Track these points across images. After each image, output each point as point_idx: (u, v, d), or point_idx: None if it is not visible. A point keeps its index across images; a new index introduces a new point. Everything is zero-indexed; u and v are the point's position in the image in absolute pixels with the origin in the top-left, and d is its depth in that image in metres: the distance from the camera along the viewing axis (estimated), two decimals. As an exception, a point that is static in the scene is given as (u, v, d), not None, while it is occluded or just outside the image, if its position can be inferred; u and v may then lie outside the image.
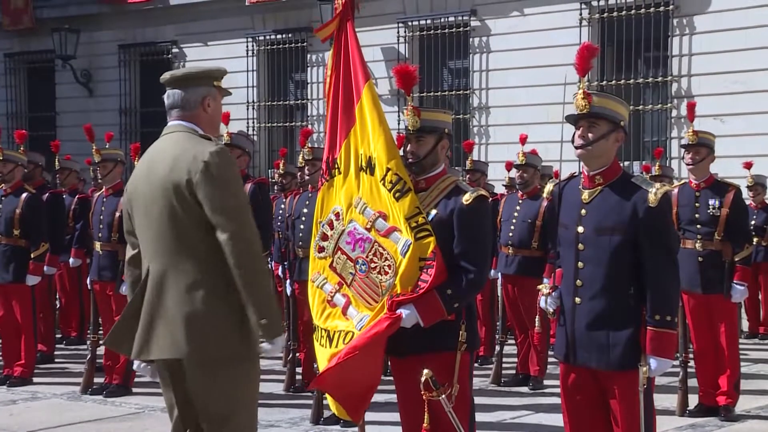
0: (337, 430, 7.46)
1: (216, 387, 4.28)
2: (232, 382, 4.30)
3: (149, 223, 4.35)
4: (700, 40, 13.87)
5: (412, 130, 5.00)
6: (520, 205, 9.42)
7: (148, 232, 4.37)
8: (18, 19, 20.66)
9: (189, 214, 4.24)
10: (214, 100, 4.54)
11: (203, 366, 4.26)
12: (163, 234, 4.29)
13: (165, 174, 4.27)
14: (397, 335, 4.81)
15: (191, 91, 4.49)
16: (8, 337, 9.43)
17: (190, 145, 4.31)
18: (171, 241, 4.27)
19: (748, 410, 8.17)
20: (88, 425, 7.79)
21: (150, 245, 4.36)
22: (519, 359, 9.51)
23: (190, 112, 4.48)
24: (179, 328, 4.21)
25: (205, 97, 4.50)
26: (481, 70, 15.68)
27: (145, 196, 4.37)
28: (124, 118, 19.72)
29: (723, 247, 7.82)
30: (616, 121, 4.75)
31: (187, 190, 4.21)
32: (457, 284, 4.77)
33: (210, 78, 4.56)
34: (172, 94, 4.53)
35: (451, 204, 4.89)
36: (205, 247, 4.24)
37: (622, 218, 4.66)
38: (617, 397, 4.69)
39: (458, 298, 4.77)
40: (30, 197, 9.38)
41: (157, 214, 4.30)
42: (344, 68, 5.22)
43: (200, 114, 4.49)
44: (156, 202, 4.30)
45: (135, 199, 4.46)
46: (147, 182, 4.38)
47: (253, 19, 17.98)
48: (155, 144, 4.53)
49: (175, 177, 4.23)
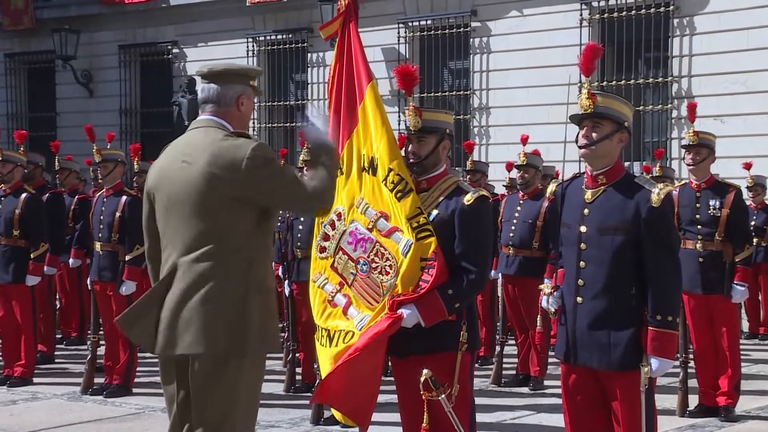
0: (338, 430, 7.45)
1: (221, 386, 4.28)
2: (238, 382, 4.30)
3: (179, 216, 4.32)
4: (700, 41, 13.88)
5: (414, 130, 5.00)
6: (521, 205, 9.42)
7: (175, 225, 4.34)
8: (18, 19, 20.67)
9: (222, 210, 4.25)
10: (248, 99, 4.54)
11: (216, 364, 4.26)
12: (190, 230, 4.28)
13: (203, 169, 4.26)
14: (398, 336, 4.80)
15: (227, 88, 4.47)
16: (8, 337, 9.42)
17: (230, 141, 4.31)
18: (198, 238, 4.27)
19: (748, 411, 8.17)
20: (89, 426, 7.79)
21: (177, 238, 4.33)
22: (519, 360, 9.51)
23: (225, 109, 4.47)
24: (203, 325, 4.21)
25: (240, 95, 4.49)
26: (481, 70, 15.68)
27: (174, 191, 4.34)
28: (125, 118, 19.73)
29: (723, 247, 7.82)
30: (620, 121, 4.75)
31: (226, 188, 4.22)
32: (459, 284, 4.77)
33: (247, 77, 4.56)
34: (208, 89, 4.50)
35: (452, 204, 4.88)
36: (234, 244, 4.27)
37: (624, 218, 4.66)
38: (618, 398, 4.69)
39: (459, 299, 4.77)
40: (29, 197, 9.38)
41: (188, 208, 4.29)
42: (347, 69, 5.23)
43: (233, 111, 4.48)
44: (189, 197, 4.28)
45: (159, 190, 4.43)
46: (177, 175, 4.34)
47: (253, 20, 17.99)
48: (185, 137, 4.51)
49: (216, 173, 4.23)
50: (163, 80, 19.28)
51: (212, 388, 4.28)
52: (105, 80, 19.93)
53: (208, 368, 4.26)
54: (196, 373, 4.30)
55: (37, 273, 9.34)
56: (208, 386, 4.28)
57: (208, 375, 4.27)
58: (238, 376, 4.29)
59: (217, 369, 4.26)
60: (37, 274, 9.34)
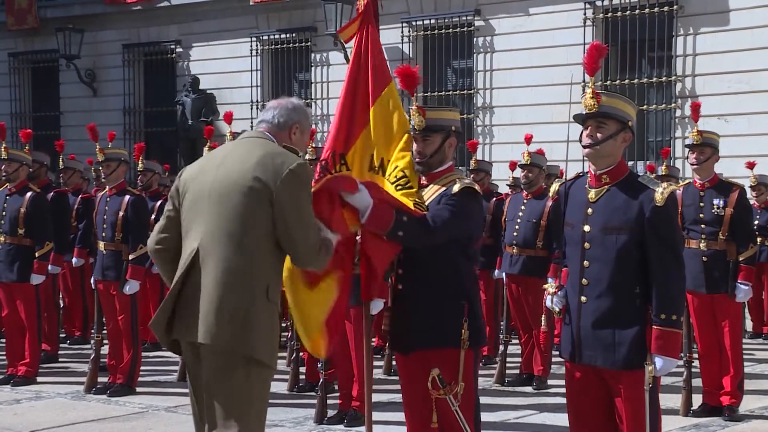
0: (341, 429, 7.46)
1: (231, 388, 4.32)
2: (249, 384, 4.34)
3: (209, 209, 4.40)
4: (704, 40, 13.87)
5: (418, 130, 5.01)
6: (525, 204, 9.41)
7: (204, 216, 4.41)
8: (22, 18, 20.68)
9: (254, 211, 4.34)
10: (302, 133, 4.74)
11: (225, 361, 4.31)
12: (221, 222, 4.36)
13: (245, 166, 4.38)
14: (400, 331, 4.88)
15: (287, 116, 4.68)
16: (12, 336, 9.43)
17: (280, 152, 4.48)
18: (226, 232, 4.34)
19: (752, 410, 8.16)
20: (92, 425, 7.79)
21: (203, 229, 4.40)
22: (523, 359, 9.51)
23: (277, 131, 4.65)
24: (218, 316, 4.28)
25: (294, 124, 4.68)
26: (485, 69, 15.68)
27: (209, 186, 4.43)
28: (128, 117, 19.74)
29: (727, 246, 7.82)
30: (624, 121, 4.75)
31: (265, 187, 4.32)
32: (415, 219, 4.77)
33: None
34: (272, 108, 4.71)
35: (442, 192, 4.94)
36: (265, 248, 4.36)
37: (628, 217, 4.66)
38: (622, 397, 4.69)
39: (405, 228, 4.74)
40: (34, 196, 9.38)
41: (222, 202, 4.37)
42: (362, 68, 5.23)
43: (283, 136, 4.66)
44: (227, 191, 4.37)
45: (190, 187, 4.51)
46: (218, 173, 4.44)
47: (257, 19, 17.99)
48: (233, 143, 4.70)
49: (257, 172, 4.35)
50: (166, 79, 19.31)
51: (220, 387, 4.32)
52: (108, 79, 19.94)
53: (218, 363, 4.32)
54: (206, 368, 4.35)
55: (42, 272, 9.34)
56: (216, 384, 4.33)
57: (217, 371, 4.32)
58: (248, 377, 4.33)
59: (224, 367, 4.31)
60: (42, 273, 9.34)
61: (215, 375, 4.34)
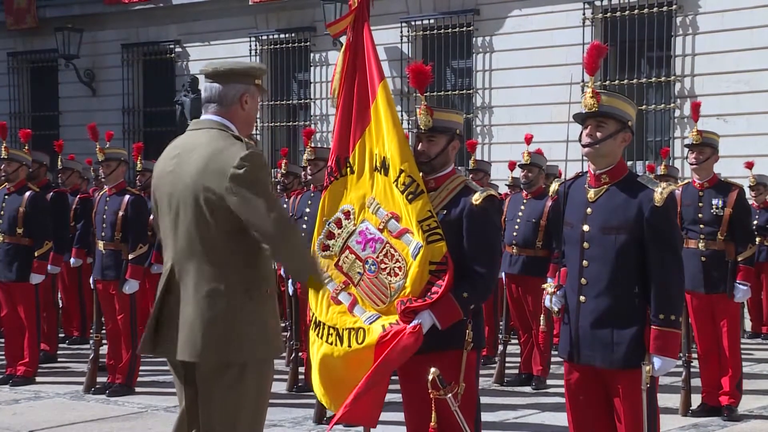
0: (340, 429, 7.45)
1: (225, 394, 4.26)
2: (241, 390, 4.28)
3: (175, 221, 4.30)
4: (703, 40, 13.87)
5: (425, 129, 4.99)
6: (525, 204, 9.42)
7: (173, 230, 4.32)
8: (21, 18, 20.69)
9: (216, 218, 4.20)
10: (252, 98, 4.45)
11: (218, 371, 4.24)
12: (187, 234, 4.26)
13: (195, 174, 4.22)
14: None
15: (230, 87, 4.40)
16: (11, 336, 9.42)
17: (224, 146, 4.24)
18: (195, 243, 4.24)
19: (750, 410, 8.16)
20: (91, 425, 7.79)
21: (174, 244, 4.32)
22: (522, 359, 9.51)
23: (227, 108, 4.40)
24: (198, 332, 4.19)
25: (243, 94, 4.41)
26: (484, 69, 15.68)
27: (171, 193, 4.32)
28: (127, 117, 19.75)
29: (726, 246, 7.82)
30: (624, 120, 4.76)
31: (216, 195, 4.16)
32: (472, 287, 4.80)
33: (251, 76, 4.48)
34: (210, 88, 4.42)
35: (460, 204, 4.89)
36: (228, 251, 4.23)
37: (627, 217, 4.67)
38: (621, 396, 4.69)
39: (474, 300, 4.82)
40: (33, 196, 9.38)
41: (183, 213, 4.26)
42: (359, 68, 5.20)
43: (237, 111, 4.41)
44: (184, 201, 4.25)
45: (159, 191, 4.42)
46: (175, 178, 4.32)
47: (256, 19, 18.00)
48: (185, 138, 4.46)
49: (206, 180, 4.18)
50: (165, 79, 19.31)
51: (215, 394, 4.27)
52: (108, 79, 19.94)
53: (209, 374, 4.25)
54: (199, 379, 4.30)
55: (41, 271, 9.34)
56: (211, 393, 4.27)
57: (210, 381, 4.26)
58: (241, 382, 4.26)
59: (218, 376, 4.24)
60: (41, 273, 9.34)
61: (207, 384, 4.27)
